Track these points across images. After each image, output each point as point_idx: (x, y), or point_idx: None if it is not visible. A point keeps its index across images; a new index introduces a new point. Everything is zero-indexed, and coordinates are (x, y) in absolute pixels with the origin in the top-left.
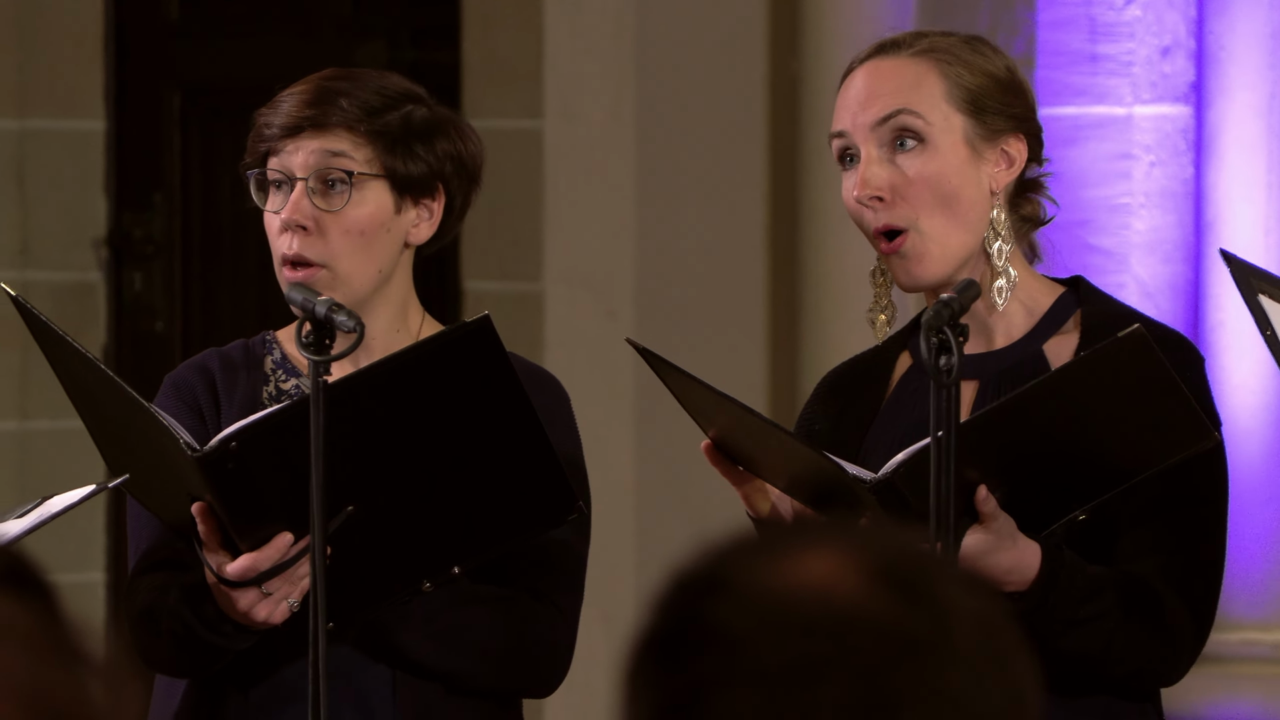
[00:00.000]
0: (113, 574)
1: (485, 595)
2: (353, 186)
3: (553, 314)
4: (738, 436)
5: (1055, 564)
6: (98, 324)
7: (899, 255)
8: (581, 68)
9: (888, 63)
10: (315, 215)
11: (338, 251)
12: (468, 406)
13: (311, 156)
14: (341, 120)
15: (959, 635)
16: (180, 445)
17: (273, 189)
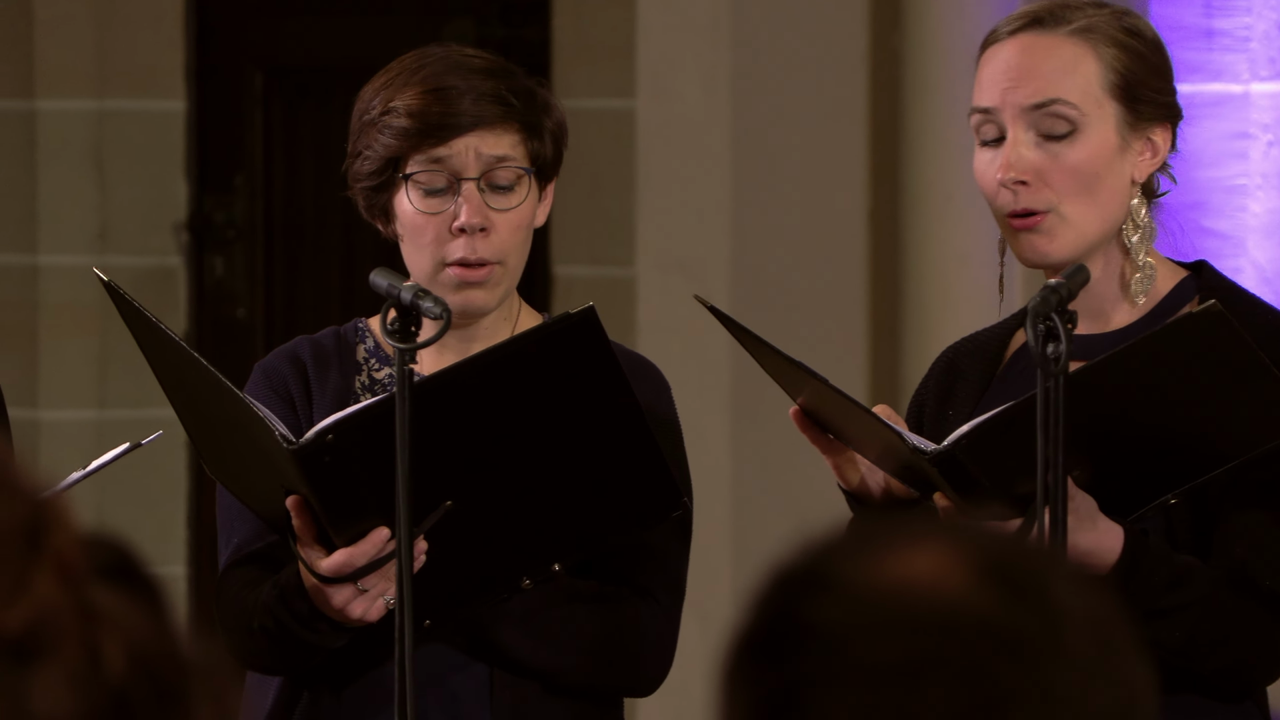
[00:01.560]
0: (194, 567)
1: (586, 592)
2: (532, 185)
3: (646, 300)
4: (824, 405)
5: (1138, 549)
6: (178, 311)
7: (1033, 230)
8: (675, 44)
9: (1043, 40)
10: (490, 215)
11: (509, 248)
12: (570, 399)
13: (479, 155)
14: (501, 115)
15: (1070, 634)
16: (276, 437)
17: (417, 188)
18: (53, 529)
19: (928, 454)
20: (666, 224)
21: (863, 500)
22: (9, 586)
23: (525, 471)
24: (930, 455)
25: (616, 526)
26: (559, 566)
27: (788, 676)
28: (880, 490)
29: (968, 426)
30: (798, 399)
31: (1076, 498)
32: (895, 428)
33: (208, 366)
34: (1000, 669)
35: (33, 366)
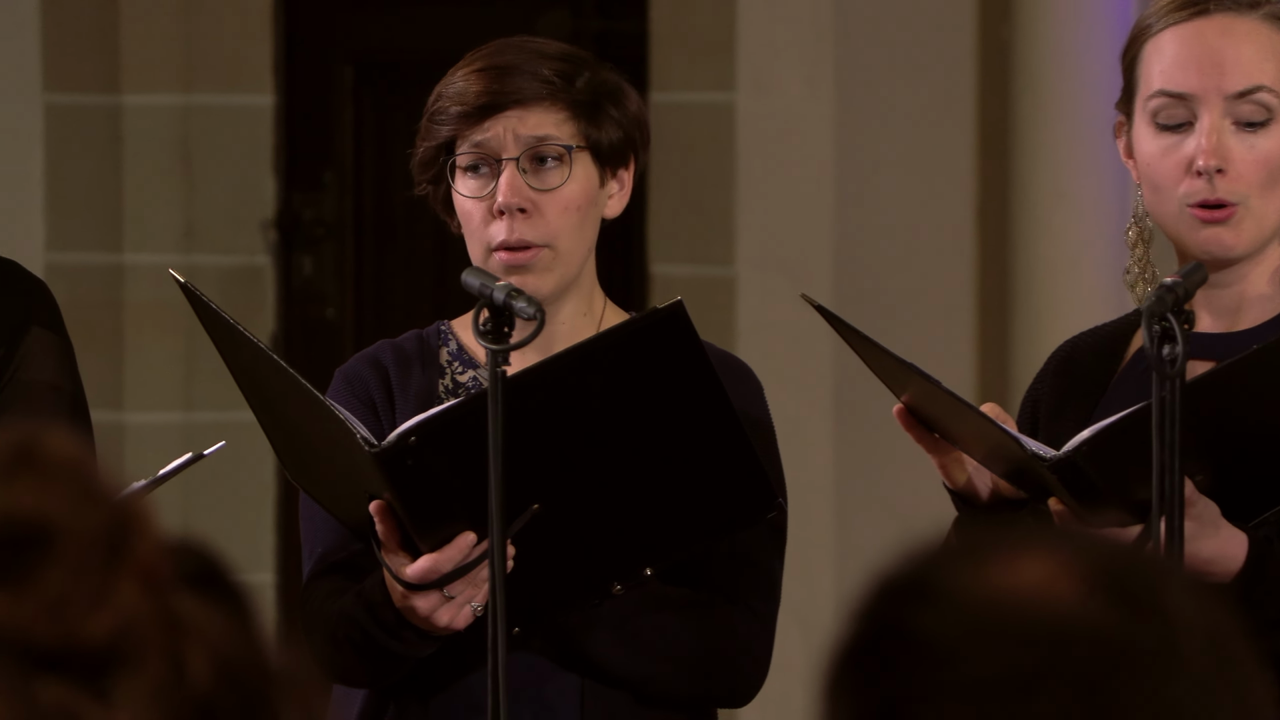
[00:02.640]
0: (282, 575)
1: (677, 599)
2: (571, 162)
3: (745, 300)
4: (930, 404)
5: (1263, 556)
6: (265, 311)
7: (1222, 224)
8: (777, 36)
9: (1243, 24)
10: (532, 196)
11: (558, 230)
12: (659, 397)
13: (520, 135)
14: (545, 93)
15: (1186, 646)
16: (357, 440)
17: (466, 174)
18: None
19: (1047, 460)
20: (767, 221)
21: (969, 500)
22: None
23: (615, 472)
24: (1049, 462)
25: (709, 528)
26: (651, 571)
27: (891, 689)
28: (988, 490)
29: (1089, 432)
30: (901, 397)
31: (1198, 504)
32: (1012, 433)
33: (287, 368)
34: (1113, 682)
35: (118, 368)
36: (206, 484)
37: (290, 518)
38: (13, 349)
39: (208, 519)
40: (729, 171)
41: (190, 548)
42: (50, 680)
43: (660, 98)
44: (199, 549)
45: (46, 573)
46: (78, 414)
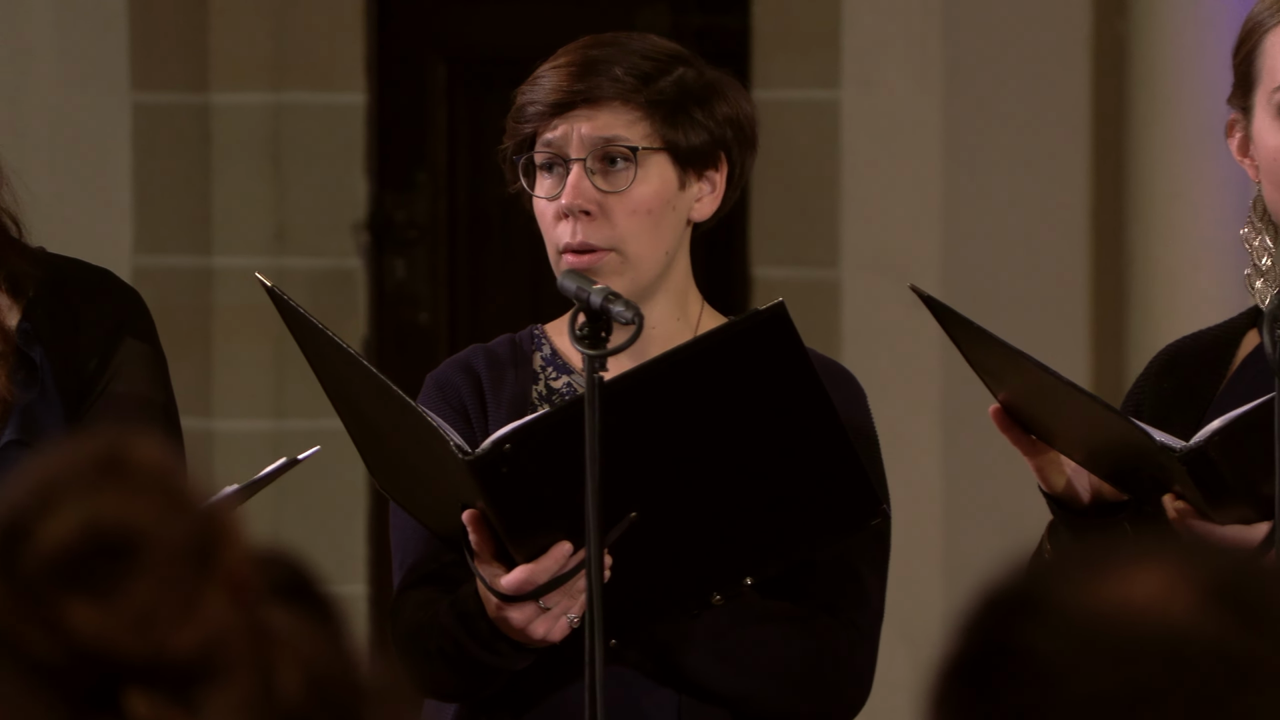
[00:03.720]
0: (375, 586)
1: (777, 612)
2: (637, 164)
3: (850, 303)
4: (1033, 401)
5: None
6: (356, 315)
7: None
8: (882, 31)
9: None
10: (598, 198)
11: (625, 234)
12: (760, 402)
13: (587, 134)
14: (615, 92)
15: None
16: (450, 448)
17: (542, 173)
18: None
19: (1177, 451)
20: (873, 222)
21: (1066, 505)
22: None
23: (714, 479)
24: (1180, 452)
25: (811, 536)
26: (750, 581)
27: (1001, 707)
28: (1089, 494)
29: (1219, 423)
30: (998, 395)
31: None
32: (1140, 424)
33: (377, 374)
34: (1231, 699)
35: (206, 374)
36: (297, 493)
37: (383, 528)
38: (106, 360)
39: (298, 529)
40: (833, 171)
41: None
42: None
43: (762, 95)
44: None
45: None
46: (170, 427)
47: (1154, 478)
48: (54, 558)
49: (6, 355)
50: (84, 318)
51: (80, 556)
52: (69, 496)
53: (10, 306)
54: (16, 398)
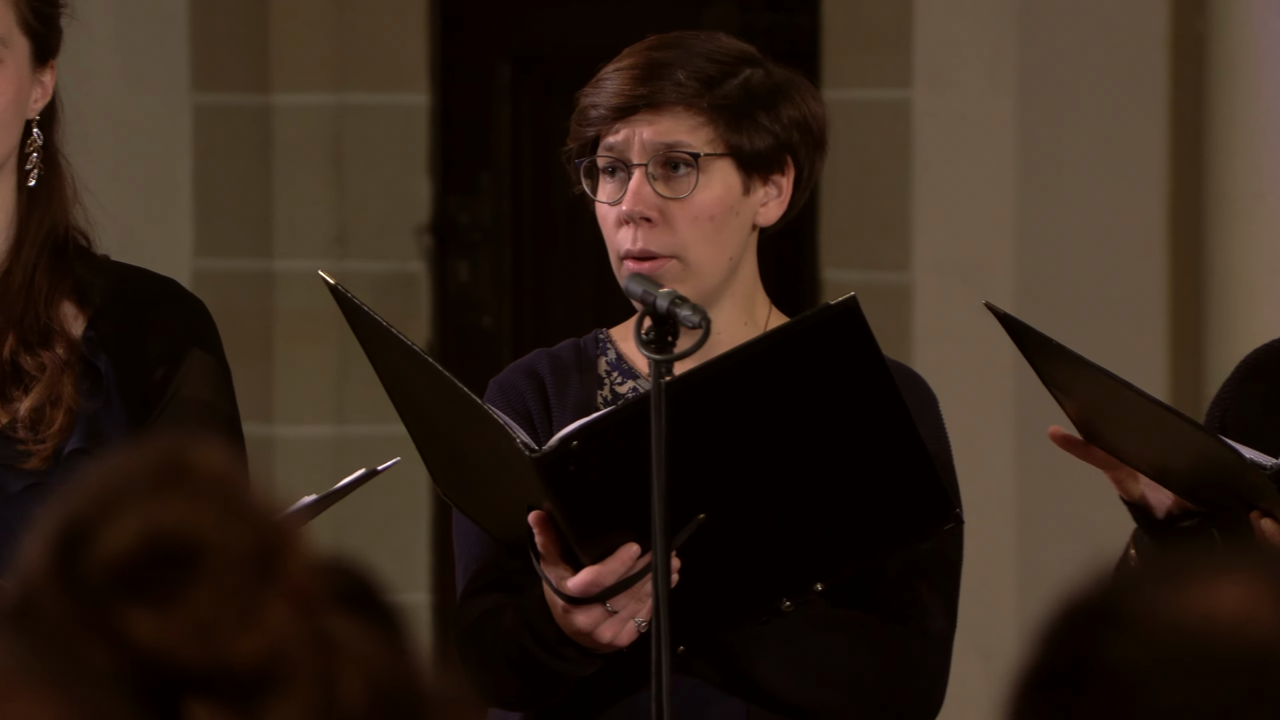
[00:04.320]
0: (438, 595)
1: (847, 620)
2: (699, 170)
3: (922, 307)
4: (1106, 417)
5: None
6: (419, 318)
7: None
8: (955, 29)
9: None
10: (659, 204)
11: (687, 241)
12: (831, 400)
13: (648, 139)
14: (678, 97)
15: None
16: (517, 446)
17: (604, 177)
18: (285, 554)
19: (1268, 469)
20: (945, 225)
21: (1148, 514)
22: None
23: (783, 480)
24: (1272, 470)
25: (883, 541)
26: (821, 587)
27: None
28: (1164, 508)
29: None
30: (1067, 409)
31: None
32: (1230, 444)
33: (443, 372)
34: None
35: (268, 379)
36: (360, 500)
37: (447, 535)
38: (172, 370)
39: (361, 537)
40: (905, 172)
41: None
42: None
43: (832, 95)
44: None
45: (195, 592)
46: (234, 437)
47: (1238, 494)
48: (115, 565)
49: (72, 364)
50: (150, 327)
51: (141, 564)
52: (130, 504)
53: (76, 315)
54: (82, 407)
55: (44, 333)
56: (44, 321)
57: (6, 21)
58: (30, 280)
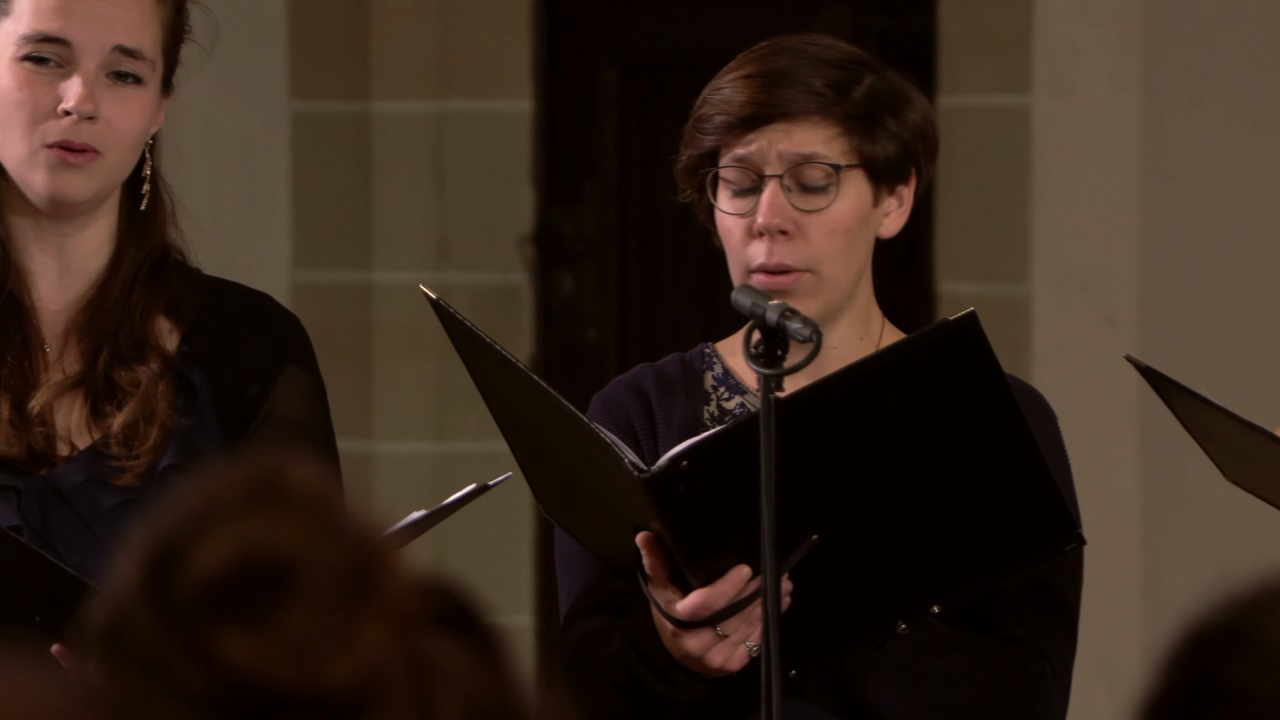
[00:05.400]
0: (541, 617)
1: (963, 643)
2: (839, 182)
3: (1041, 320)
4: (1248, 462)
5: None
6: (522, 332)
7: None
8: (1077, 33)
9: None
10: (795, 217)
11: (822, 255)
12: (949, 417)
13: (785, 151)
14: (813, 106)
15: None
16: (625, 466)
17: (728, 187)
18: (382, 574)
19: None
20: (1066, 235)
21: None
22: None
23: (899, 499)
24: None
25: (1002, 561)
26: (937, 609)
27: None
28: None
29: None
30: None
31: None
32: None
33: (547, 388)
34: None
35: (366, 394)
36: (459, 519)
37: (550, 556)
38: (267, 386)
39: (462, 557)
40: (1024, 180)
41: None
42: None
43: (949, 101)
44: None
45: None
46: (329, 455)
47: None
48: (208, 586)
49: (167, 379)
50: (245, 343)
51: (234, 584)
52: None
53: (170, 330)
54: (177, 423)
55: (138, 347)
56: (138, 336)
57: (155, 45)
58: (127, 296)
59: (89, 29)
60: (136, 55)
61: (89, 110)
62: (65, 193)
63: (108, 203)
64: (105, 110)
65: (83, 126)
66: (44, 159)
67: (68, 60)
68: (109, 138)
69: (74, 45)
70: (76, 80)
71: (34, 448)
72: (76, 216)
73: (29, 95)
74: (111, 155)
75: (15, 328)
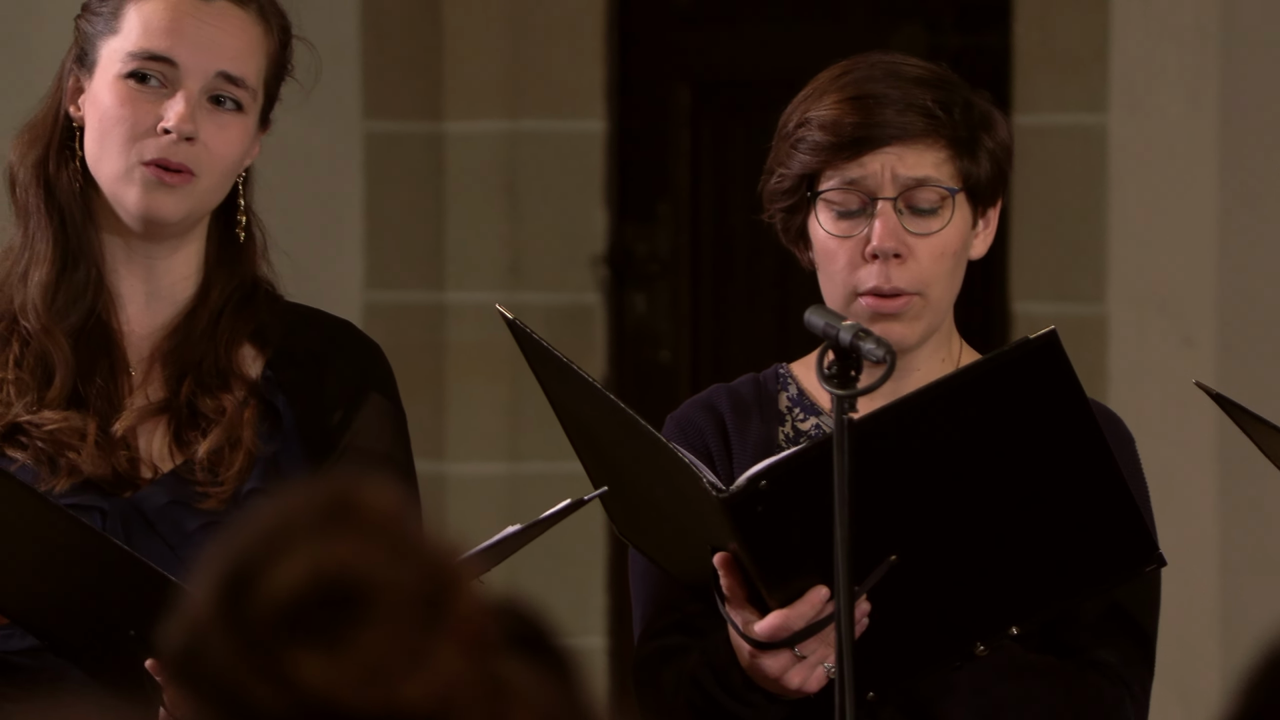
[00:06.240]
0: (614, 639)
1: (1042, 665)
2: (953, 207)
3: (1118, 341)
4: None
5: None
6: (595, 352)
7: None
8: (1155, 52)
9: None
10: (907, 240)
11: (931, 277)
12: (1028, 437)
13: (899, 174)
14: (925, 128)
15: None
16: (703, 485)
17: (829, 209)
18: (456, 596)
19: None
20: (1142, 255)
21: None
22: (408, 657)
23: (978, 520)
24: None
25: (1081, 582)
26: (1016, 631)
27: None
28: None
29: None
30: None
31: None
32: None
33: (624, 408)
34: None
35: (440, 415)
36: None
37: (623, 577)
38: (350, 414)
39: (535, 578)
40: (1100, 200)
41: (514, 609)
42: None
43: (1024, 120)
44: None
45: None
46: (409, 483)
47: None
48: (282, 607)
49: (251, 406)
50: (327, 370)
51: (308, 606)
52: (298, 544)
53: (255, 357)
54: (261, 450)
55: (222, 376)
56: (222, 365)
57: (258, 76)
58: (213, 326)
59: (196, 51)
60: (239, 83)
61: (189, 130)
62: (158, 211)
63: (197, 229)
64: (204, 133)
65: (181, 147)
66: (139, 176)
67: (171, 80)
68: (205, 161)
69: (179, 66)
70: (179, 100)
71: (118, 470)
72: (167, 239)
73: (130, 112)
74: (206, 179)
75: (103, 350)
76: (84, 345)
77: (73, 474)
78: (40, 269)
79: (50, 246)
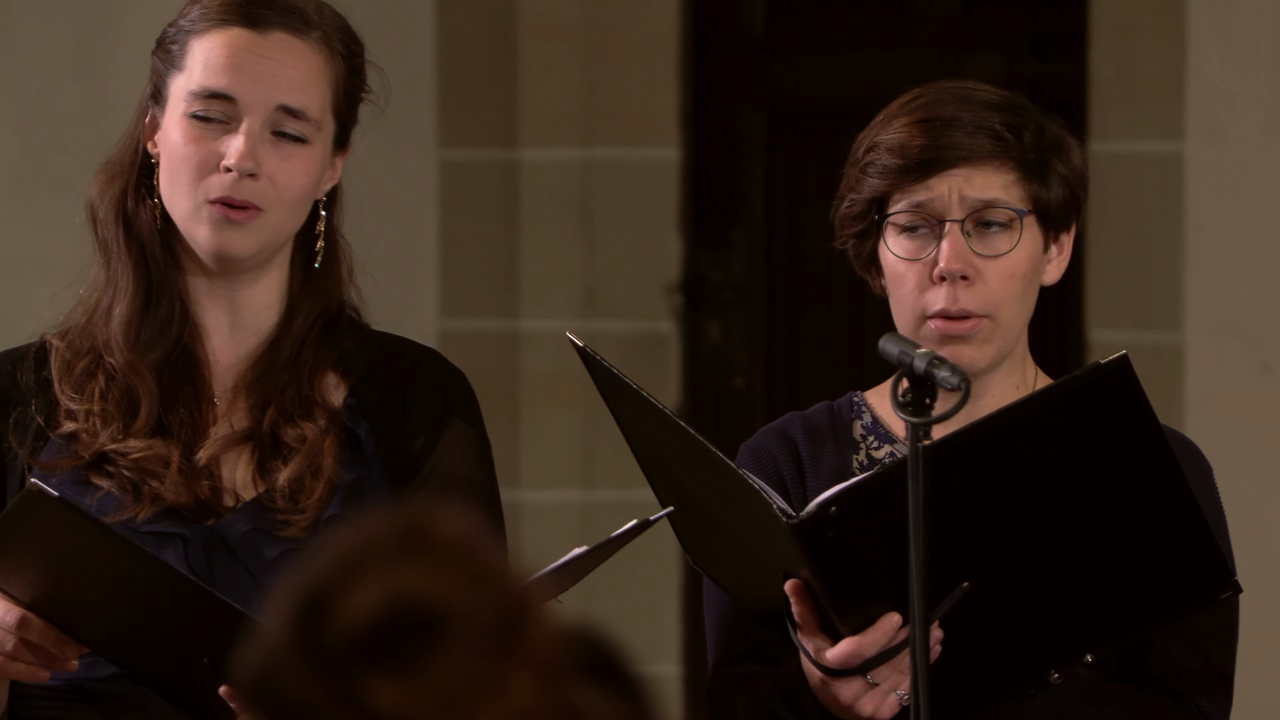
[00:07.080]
0: (689, 667)
1: (1118, 694)
2: (1021, 229)
3: (1195, 369)
4: None
5: None
6: (669, 380)
7: None
8: (1232, 80)
9: None
10: (977, 262)
11: (1000, 300)
12: (1101, 462)
13: (967, 196)
14: (991, 151)
15: None
16: (774, 512)
17: (897, 230)
18: (530, 623)
19: None
20: (1220, 283)
21: None
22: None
23: (1051, 546)
24: None
25: (1156, 609)
26: (1091, 658)
27: None
28: None
29: None
30: None
31: None
32: None
33: (696, 436)
34: None
35: (514, 442)
36: (608, 568)
37: (697, 605)
38: (433, 441)
39: (609, 606)
40: (1177, 227)
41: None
42: None
43: (1101, 147)
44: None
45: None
46: (493, 511)
47: None
48: (357, 634)
49: (333, 434)
50: (411, 397)
51: (384, 632)
52: (372, 571)
53: (338, 385)
54: (342, 478)
55: (305, 405)
56: (305, 394)
57: (322, 105)
58: (296, 355)
59: (254, 87)
60: (300, 115)
61: (249, 168)
62: (228, 249)
63: (278, 259)
64: (268, 167)
65: (244, 183)
66: (207, 215)
67: (233, 116)
68: (270, 195)
69: (239, 102)
70: (240, 137)
71: (200, 498)
72: (244, 272)
73: (194, 151)
74: (274, 212)
75: (187, 380)
76: (169, 375)
77: (156, 502)
78: (122, 304)
79: (131, 282)
